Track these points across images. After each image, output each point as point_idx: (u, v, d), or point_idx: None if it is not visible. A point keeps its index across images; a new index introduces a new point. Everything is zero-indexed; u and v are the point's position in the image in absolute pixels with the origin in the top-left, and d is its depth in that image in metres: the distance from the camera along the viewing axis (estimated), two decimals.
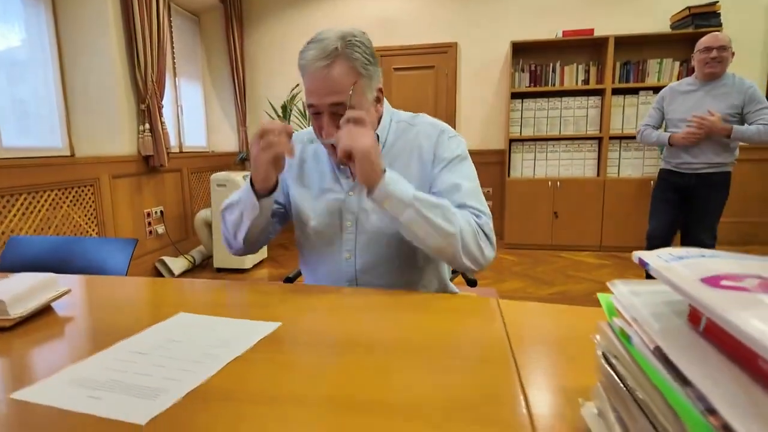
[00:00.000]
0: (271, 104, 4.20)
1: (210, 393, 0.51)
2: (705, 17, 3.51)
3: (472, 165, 0.98)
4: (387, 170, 0.82)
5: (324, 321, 0.72)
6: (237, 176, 3.32)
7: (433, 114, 4.75)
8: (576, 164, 3.96)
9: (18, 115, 2.56)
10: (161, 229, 3.32)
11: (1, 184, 2.15)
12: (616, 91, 3.78)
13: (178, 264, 3.28)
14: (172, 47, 3.74)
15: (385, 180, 0.81)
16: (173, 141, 3.63)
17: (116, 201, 2.87)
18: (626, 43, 3.74)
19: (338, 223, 0.98)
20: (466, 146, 1.00)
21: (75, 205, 2.58)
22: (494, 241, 0.89)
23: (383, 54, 4.26)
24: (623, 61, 3.80)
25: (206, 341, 0.64)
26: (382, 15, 4.22)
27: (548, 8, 3.97)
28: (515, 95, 3.95)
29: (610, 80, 3.73)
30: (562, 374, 0.55)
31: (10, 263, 1.17)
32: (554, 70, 3.89)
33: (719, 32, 2.35)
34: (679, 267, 0.33)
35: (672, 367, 0.29)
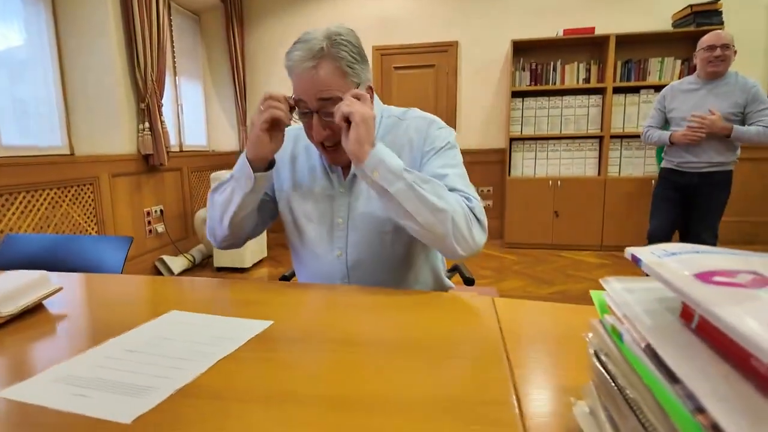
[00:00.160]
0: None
1: (198, 391, 0.50)
2: (707, 15, 3.50)
3: (460, 154, 0.98)
4: (380, 143, 0.82)
5: (316, 319, 0.72)
6: None
7: (434, 113, 4.73)
8: (577, 163, 3.95)
9: (18, 114, 2.56)
10: (161, 228, 3.31)
11: (1, 183, 2.15)
12: (617, 90, 3.77)
13: (178, 263, 3.28)
14: (173, 46, 3.74)
15: (377, 148, 0.81)
16: (173, 140, 3.63)
17: (116, 200, 2.87)
18: (627, 42, 3.72)
19: (329, 221, 0.98)
20: (455, 137, 0.99)
21: (74, 204, 2.58)
22: (485, 225, 0.86)
23: (384, 53, 4.26)
24: (624, 60, 3.78)
25: (197, 339, 0.63)
26: (383, 14, 4.21)
27: (549, 7, 3.96)
28: (516, 94, 3.94)
29: (611, 79, 3.71)
30: (556, 373, 0.54)
31: (6, 261, 1.17)
32: (555, 69, 3.88)
33: (722, 30, 2.34)
34: (672, 263, 0.32)
35: (662, 365, 0.28)
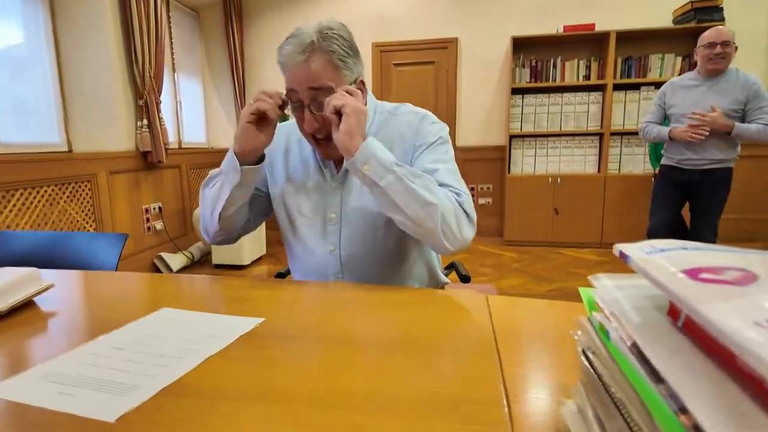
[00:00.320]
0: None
1: (184, 389, 0.50)
2: (707, 12, 3.48)
3: (452, 149, 0.98)
4: (371, 137, 0.83)
5: (307, 316, 0.71)
6: None
7: (434, 110, 4.68)
8: (577, 160, 3.93)
9: (15, 111, 2.55)
10: (159, 226, 3.31)
11: None
12: (618, 87, 3.75)
13: (177, 260, 3.27)
14: (171, 43, 3.73)
15: (369, 141, 0.81)
16: (172, 137, 3.62)
17: (114, 197, 2.86)
18: (628, 38, 3.70)
19: (322, 215, 0.98)
20: (448, 132, 0.99)
21: (72, 201, 2.58)
22: (474, 221, 0.87)
23: (383, 49, 4.24)
24: (625, 57, 3.76)
25: (186, 336, 0.63)
26: (382, 10, 4.19)
27: (549, 3, 3.94)
28: (516, 91, 3.92)
29: (612, 76, 3.70)
30: (548, 371, 0.54)
31: (0, 258, 1.16)
32: (555, 66, 3.86)
33: (722, 26, 2.32)
34: (659, 259, 0.31)
35: (647, 363, 0.28)
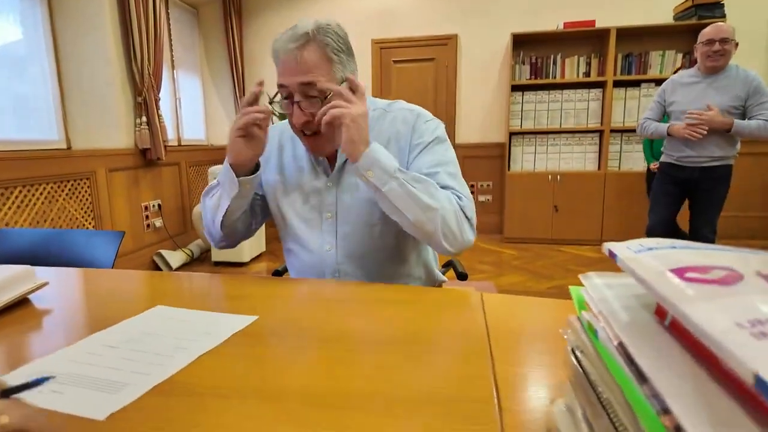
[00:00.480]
0: (270, 97, 4.17)
1: (175, 387, 0.50)
2: (708, 8, 3.46)
3: (451, 148, 0.97)
4: (373, 143, 0.83)
5: (302, 314, 0.71)
6: None
7: (434, 107, 4.65)
8: (577, 158, 3.93)
9: (14, 108, 2.55)
10: (159, 223, 3.31)
11: None
12: (618, 84, 3.74)
13: (176, 257, 3.28)
14: (170, 40, 3.72)
15: (372, 147, 0.81)
16: (171, 134, 3.62)
17: (113, 194, 2.86)
18: (628, 35, 3.69)
19: (318, 215, 0.97)
20: (444, 129, 0.98)
21: (71, 199, 2.58)
22: (475, 224, 0.89)
23: (383, 46, 4.23)
24: (625, 53, 3.75)
25: (180, 334, 0.63)
26: (382, 6, 4.17)
27: (549, 0, 3.92)
28: (516, 88, 3.91)
29: (612, 72, 3.69)
30: (539, 370, 0.54)
31: None
32: (555, 63, 3.85)
33: (723, 23, 2.31)
34: (646, 258, 0.31)
35: (633, 363, 0.28)
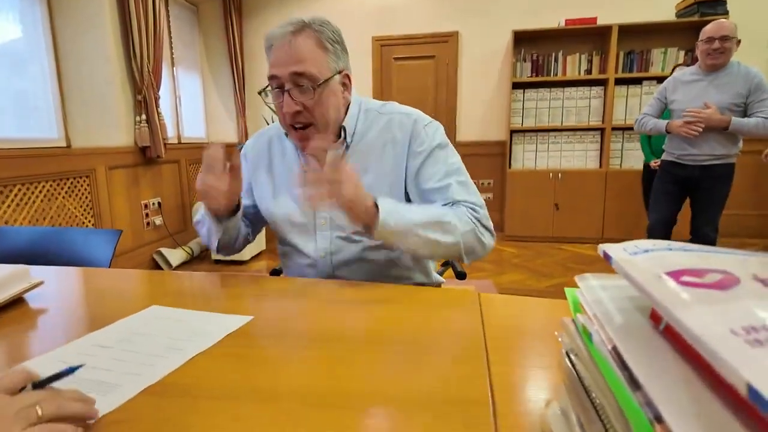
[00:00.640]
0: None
1: (168, 389, 0.49)
2: (711, 5, 3.44)
3: (454, 150, 0.95)
4: (379, 203, 0.78)
5: (297, 314, 0.70)
6: None
7: (434, 104, 4.62)
8: (578, 155, 3.91)
9: (14, 107, 2.54)
10: (159, 221, 3.31)
11: None
12: (620, 81, 3.72)
13: (176, 256, 3.28)
14: (170, 37, 3.70)
15: (382, 219, 0.77)
16: (171, 132, 3.61)
17: (113, 192, 2.86)
18: (630, 32, 3.66)
19: (312, 222, 0.96)
20: (444, 131, 0.96)
21: (71, 197, 2.58)
22: (492, 229, 0.90)
23: (383, 43, 4.21)
24: (627, 51, 3.73)
25: (173, 335, 0.62)
26: (382, 3, 4.16)
27: None
28: (517, 85, 3.90)
29: (613, 70, 3.67)
30: (535, 371, 0.53)
31: None
32: (556, 60, 3.83)
33: (724, 20, 2.29)
34: (641, 261, 0.31)
35: (626, 369, 0.27)
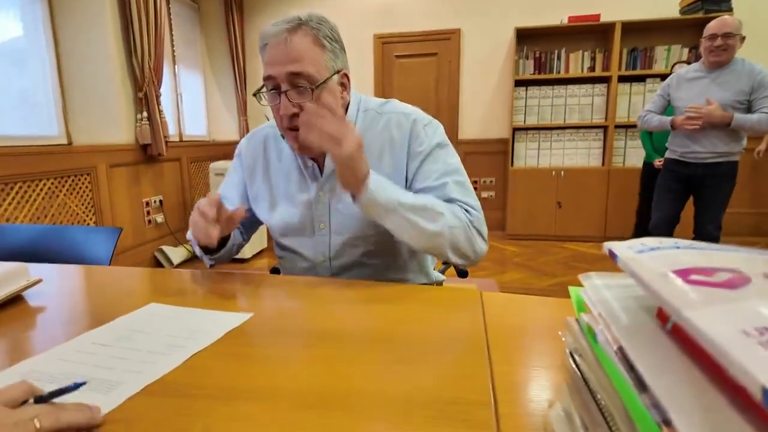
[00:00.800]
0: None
1: (168, 388, 0.49)
2: (715, 1, 3.41)
3: (453, 151, 0.92)
4: (372, 175, 0.77)
5: (298, 313, 0.70)
6: None
7: (436, 102, 4.60)
8: (581, 153, 3.90)
9: (14, 104, 2.54)
10: (160, 219, 3.31)
11: None
12: (623, 79, 3.70)
13: (178, 253, 3.28)
14: (171, 35, 3.70)
15: (370, 188, 0.75)
16: (173, 129, 3.60)
17: (114, 190, 2.86)
18: (634, 29, 3.64)
19: (310, 226, 0.93)
20: (444, 131, 0.93)
21: (72, 194, 2.58)
22: (486, 235, 0.87)
23: (385, 41, 4.20)
24: (630, 48, 3.71)
25: (173, 332, 0.62)
26: (384, 1, 4.14)
27: None
28: (519, 83, 3.88)
29: (617, 67, 3.64)
30: (538, 371, 0.52)
31: None
32: (559, 57, 3.81)
33: (728, 17, 2.27)
34: (648, 259, 0.30)
35: (633, 370, 0.26)
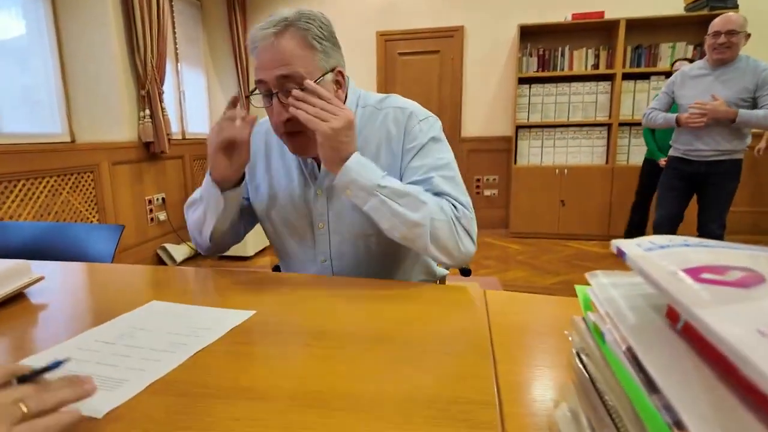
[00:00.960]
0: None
1: (170, 386, 0.48)
2: None
3: (448, 147, 0.89)
4: (355, 155, 0.76)
5: (300, 311, 0.69)
6: None
7: (439, 100, 4.58)
8: (584, 151, 3.88)
9: (18, 102, 2.55)
10: (163, 216, 3.31)
11: (0, 170, 2.15)
12: (627, 76, 3.68)
13: (180, 251, 3.28)
14: (174, 33, 3.70)
15: (348, 166, 0.75)
16: (175, 127, 3.60)
17: (116, 187, 2.86)
18: (638, 26, 3.62)
19: (309, 225, 0.91)
20: (441, 127, 0.90)
21: (75, 192, 2.58)
22: (474, 235, 0.82)
23: (388, 38, 4.19)
24: (634, 45, 3.69)
25: (176, 330, 0.61)
26: None
27: None
28: (523, 80, 3.86)
29: (621, 65, 3.63)
30: (543, 371, 0.52)
31: None
32: (563, 55, 3.79)
33: (733, 14, 2.25)
34: (657, 257, 0.29)
35: (642, 371, 0.26)
